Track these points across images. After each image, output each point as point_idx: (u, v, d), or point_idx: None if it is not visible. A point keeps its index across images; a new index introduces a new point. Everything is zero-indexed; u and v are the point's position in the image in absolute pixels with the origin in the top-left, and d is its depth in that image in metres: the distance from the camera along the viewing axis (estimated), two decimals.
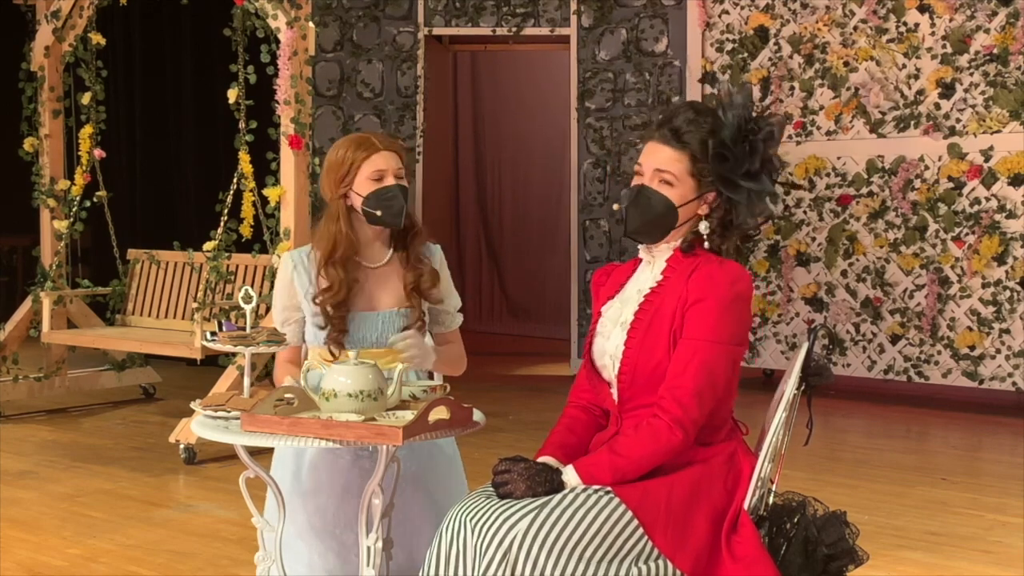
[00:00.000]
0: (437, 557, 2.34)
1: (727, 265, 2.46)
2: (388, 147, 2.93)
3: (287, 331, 2.97)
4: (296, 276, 2.97)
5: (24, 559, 4.07)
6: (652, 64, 8.04)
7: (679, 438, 2.37)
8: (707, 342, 2.39)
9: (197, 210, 8.28)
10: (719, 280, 2.42)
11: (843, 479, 5.27)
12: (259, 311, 5.74)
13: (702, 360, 2.38)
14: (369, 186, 2.89)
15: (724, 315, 2.40)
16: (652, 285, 2.52)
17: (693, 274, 2.45)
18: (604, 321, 2.56)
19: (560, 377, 8.17)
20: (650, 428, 2.38)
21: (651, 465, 2.38)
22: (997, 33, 6.78)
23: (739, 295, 2.43)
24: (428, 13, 8.20)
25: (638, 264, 2.61)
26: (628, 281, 2.59)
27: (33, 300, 6.82)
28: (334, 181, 2.93)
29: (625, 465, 2.37)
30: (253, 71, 6.06)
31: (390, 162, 2.91)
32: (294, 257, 3.00)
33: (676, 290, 2.45)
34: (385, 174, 2.90)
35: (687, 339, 2.40)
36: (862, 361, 7.28)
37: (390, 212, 2.90)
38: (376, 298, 2.95)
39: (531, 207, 10.74)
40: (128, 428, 6.46)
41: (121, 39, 8.87)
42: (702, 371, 2.38)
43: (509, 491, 2.35)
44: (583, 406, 2.63)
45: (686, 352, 2.39)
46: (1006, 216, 6.77)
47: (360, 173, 2.89)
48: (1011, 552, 4.21)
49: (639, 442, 2.38)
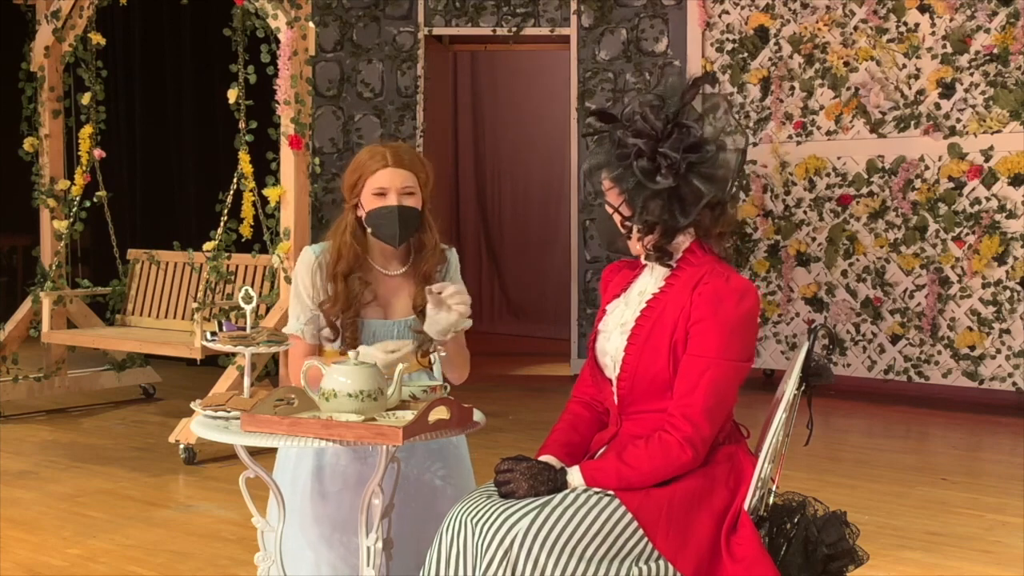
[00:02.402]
0: (438, 557, 2.34)
1: (733, 281, 2.42)
2: (400, 164, 2.86)
3: (306, 329, 2.92)
4: (320, 273, 2.92)
5: (24, 559, 4.07)
6: (652, 64, 8.04)
7: (689, 456, 2.36)
8: (717, 360, 2.37)
9: (197, 210, 8.28)
10: (726, 297, 2.39)
11: (843, 479, 5.27)
12: (259, 311, 5.74)
13: (712, 378, 2.36)
14: (372, 201, 2.86)
15: (733, 333, 2.38)
16: (654, 291, 2.50)
17: (699, 286, 2.41)
18: (607, 320, 2.56)
19: (560, 377, 8.16)
20: (661, 444, 2.37)
21: (657, 479, 2.37)
22: (997, 33, 6.78)
23: (747, 312, 2.40)
24: (428, 13, 8.20)
25: (642, 267, 2.59)
26: (633, 282, 2.58)
27: (33, 300, 6.82)
28: (348, 188, 2.91)
29: (632, 476, 2.36)
30: (253, 71, 6.06)
31: (395, 180, 2.85)
32: (317, 252, 2.95)
33: (679, 300, 2.43)
34: (387, 192, 2.85)
35: (696, 356, 2.38)
36: (862, 361, 7.28)
37: (382, 232, 2.87)
38: (391, 306, 2.93)
39: (531, 207, 10.73)
40: (128, 428, 6.46)
41: (121, 39, 8.87)
42: (712, 389, 2.36)
43: (511, 490, 2.34)
44: (586, 402, 2.62)
45: (695, 369, 2.37)
46: (1006, 216, 6.76)
47: (367, 187, 2.86)
48: (1011, 552, 4.21)
49: (649, 456, 2.37)
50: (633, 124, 2.42)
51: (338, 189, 3.05)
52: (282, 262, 5.84)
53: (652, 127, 2.39)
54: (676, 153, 2.37)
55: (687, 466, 2.37)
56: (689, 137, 2.39)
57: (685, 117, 2.40)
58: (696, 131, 2.40)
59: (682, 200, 2.39)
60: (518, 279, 10.83)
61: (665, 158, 2.37)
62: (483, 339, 9.63)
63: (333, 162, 7.95)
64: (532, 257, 10.65)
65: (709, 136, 2.41)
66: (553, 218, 10.34)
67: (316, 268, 2.93)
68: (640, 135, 2.40)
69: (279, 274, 5.91)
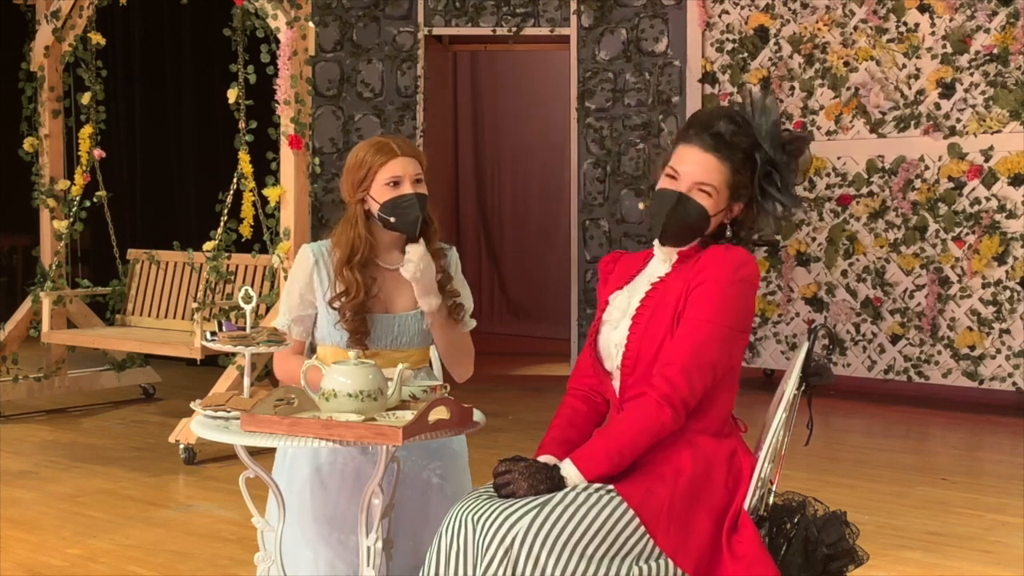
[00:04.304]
0: (438, 556, 2.34)
1: (733, 250, 2.44)
2: (406, 152, 2.90)
3: (297, 328, 2.94)
4: (316, 271, 2.94)
5: (24, 559, 4.07)
6: (652, 64, 8.04)
7: (668, 415, 2.36)
8: (703, 322, 2.38)
9: (197, 210, 8.27)
10: (723, 263, 2.41)
11: (843, 479, 5.27)
12: (259, 311, 5.74)
13: (696, 340, 2.37)
14: (386, 192, 2.87)
15: (724, 297, 2.39)
16: (660, 275, 2.52)
17: (700, 257, 2.45)
18: (611, 310, 2.55)
19: (560, 377, 8.15)
20: (638, 405, 2.39)
21: (645, 444, 2.37)
22: (997, 33, 6.78)
23: (743, 279, 2.41)
24: (428, 13, 8.20)
25: (649, 257, 2.60)
26: (639, 273, 2.58)
27: (33, 300, 6.82)
28: (352, 184, 2.91)
29: (619, 447, 2.36)
30: (253, 71, 6.06)
31: (407, 168, 2.88)
32: (315, 251, 2.96)
33: (682, 275, 2.46)
34: (402, 180, 2.87)
35: (685, 319, 2.40)
36: (862, 361, 7.28)
37: (405, 221, 2.88)
38: (392, 301, 2.94)
39: (531, 207, 10.73)
40: (128, 428, 6.46)
41: (121, 39, 8.87)
42: (694, 349, 2.37)
43: (511, 491, 2.34)
44: (584, 395, 2.62)
45: (682, 331, 2.39)
46: (1006, 216, 6.77)
47: (377, 179, 2.87)
48: (1011, 552, 4.21)
49: (628, 422, 2.38)
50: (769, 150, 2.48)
51: (338, 189, 3.04)
52: (282, 262, 5.84)
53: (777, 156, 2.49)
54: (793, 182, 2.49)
55: (667, 425, 2.36)
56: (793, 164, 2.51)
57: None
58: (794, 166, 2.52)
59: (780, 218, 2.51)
60: (518, 279, 10.83)
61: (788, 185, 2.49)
62: (483, 339, 9.56)
63: (333, 162, 7.95)
64: (532, 257, 10.65)
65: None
66: (553, 218, 10.34)
67: (323, 264, 2.94)
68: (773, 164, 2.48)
69: (279, 274, 5.91)
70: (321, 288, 2.93)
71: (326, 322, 2.93)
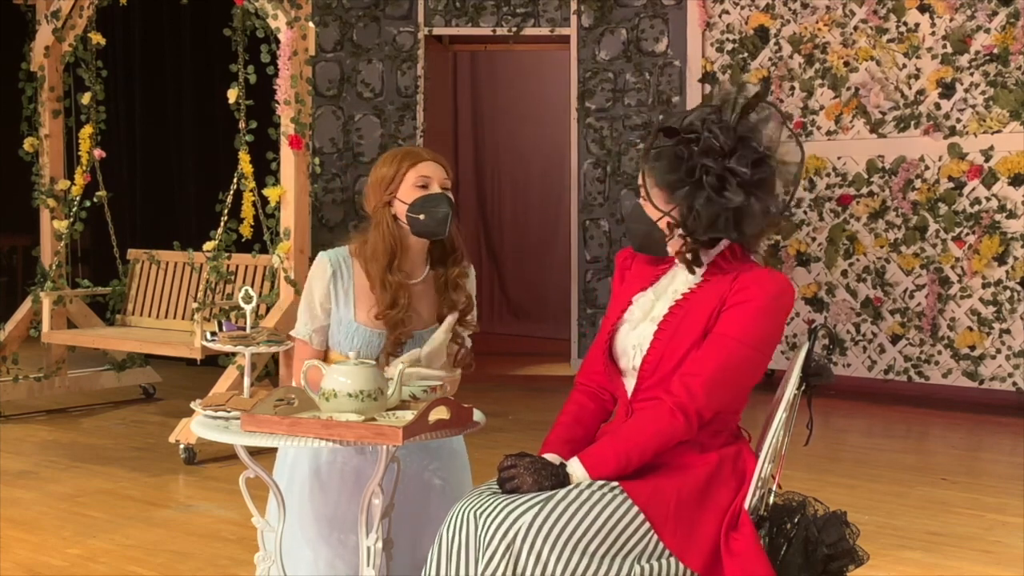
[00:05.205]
0: (440, 551, 2.33)
1: (777, 276, 2.44)
2: (434, 158, 2.90)
3: (318, 337, 2.92)
4: (334, 282, 2.91)
5: (24, 559, 4.07)
6: (652, 64, 8.04)
7: (680, 422, 2.35)
8: (736, 341, 2.37)
9: (197, 210, 8.27)
10: (766, 286, 2.40)
11: (843, 479, 5.27)
12: (259, 311, 5.74)
13: (726, 357, 2.37)
14: (414, 192, 2.84)
15: (760, 320, 2.39)
16: (691, 286, 2.49)
17: (740, 276, 2.42)
18: (634, 310, 2.54)
19: (560, 377, 8.16)
20: (651, 411, 2.38)
21: (654, 449, 2.36)
22: (997, 33, 6.78)
23: (781, 307, 2.42)
24: (428, 13, 8.20)
25: (672, 262, 2.55)
26: (664, 276, 2.56)
27: (33, 300, 6.82)
28: (382, 184, 2.88)
29: (628, 450, 2.35)
30: (253, 71, 6.06)
31: (436, 171, 2.87)
32: (332, 260, 2.92)
33: (717, 288, 2.43)
34: (431, 181, 2.86)
35: (717, 335, 2.39)
36: (862, 361, 7.28)
37: (434, 218, 2.83)
38: (415, 314, 2.89)
39: (531, 207, 10.74)
40: (128, 428, 6.46)
41: (121, 39, 8.87)
42: (720, 366, 2.36)
43: (516, 486, 2.33)
44: (592, 391, 2.61)
45: (711, 346, 2.38)
46: (1006, 216, 6.77)
47: (406, 181, 2.85)
48: (1011, 552, 4.21)
49: (640, 426, 2.37)
50: (701, 140, 2.39)
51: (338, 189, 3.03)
52: (282, 262, 5.84)
53: (720, 143, 2.38)
54: (745, 169, 2.36)
55: (678, 434, 2.36)
56: (754, 152, 2.39)
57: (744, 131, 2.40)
58: (758, 145, 2.40)
59: (747, 215, 2.39)
60: (518, 279, 10.84)
61: (734, 174, 2.37)
62: (483, 339, 9.58)
63: (333, 162, 7.95)
64: (532, 257, 10.66)
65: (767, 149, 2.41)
66: (553, 218, 10.34)
67: (342, 273, 2.91)
68: (708, 152, 2.38)
69: (279, 274, 5.91)
70: (338, 298, 2.90)
71: (336, 330, 2.92)
